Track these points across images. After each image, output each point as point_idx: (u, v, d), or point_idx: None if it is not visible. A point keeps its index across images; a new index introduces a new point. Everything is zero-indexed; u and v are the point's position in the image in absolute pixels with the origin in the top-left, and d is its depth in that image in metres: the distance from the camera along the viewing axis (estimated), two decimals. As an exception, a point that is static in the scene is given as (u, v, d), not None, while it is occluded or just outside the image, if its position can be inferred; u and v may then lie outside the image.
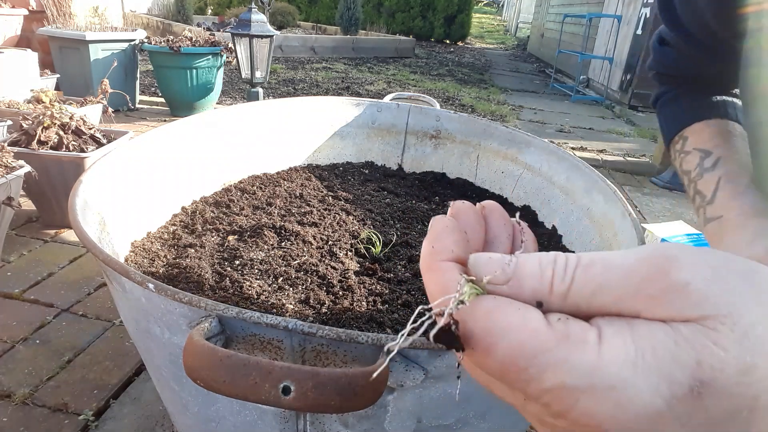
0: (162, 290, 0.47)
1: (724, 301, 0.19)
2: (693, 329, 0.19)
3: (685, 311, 0.19)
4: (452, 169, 1.38)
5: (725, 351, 0.18)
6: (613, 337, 0.20)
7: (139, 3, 7.86)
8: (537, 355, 0.20)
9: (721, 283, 0.19)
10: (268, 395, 0.39)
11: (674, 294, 0.19)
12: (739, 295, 0.19)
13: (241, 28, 2.68)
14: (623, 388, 0.19)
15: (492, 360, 0.21)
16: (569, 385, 0.19)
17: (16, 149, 1.39)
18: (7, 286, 1.28)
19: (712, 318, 0.19)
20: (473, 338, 0.21)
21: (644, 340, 0.19)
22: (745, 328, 0.19)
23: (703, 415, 0.19)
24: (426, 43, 9.08)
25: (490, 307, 0.21)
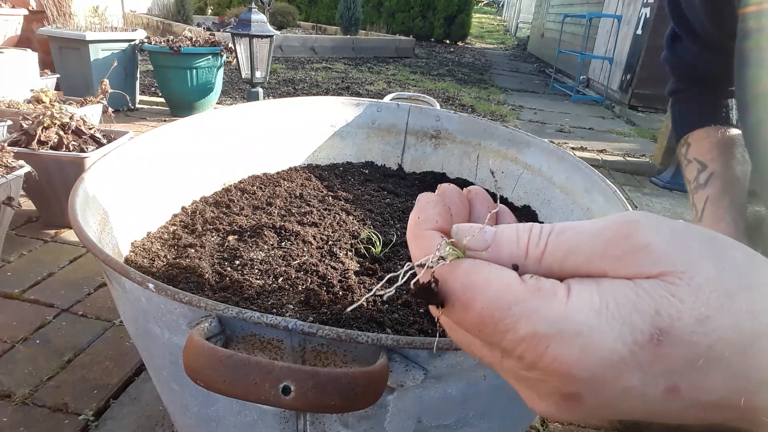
0: (162, 290, 0.47)
1: (682, 259, 0.21)
2: (653, 283, 0.21)
3: (645, 268, 0.21)
4: (452, 169, 1.38)
5: (682, 302, 0.20)
6: (580, 290, 0.21)
7: (139, 3, 7.85)
8: (511, 306, 0.21)
9: (679, 243, 0.21)
10: (268, 395, 0.39)
11: (636, 253, 0.21)
12: (697, 254, 0.21)
13: (241, 28, 2.68)
14: (588, 333, 0.20)
15: (471, 314, 0.22)
16: (540, 332, 0.21)
17: (16, 149, 1.39)
18: (7, 286, 1.28)
19: (670, 274, 0.21)
20: (453, 294, 0.23)
21: (608, 292, 0.21)
22: (700, 282, 0.20)
23: (662, 363, 0.20)
24: (426, 43, 9.07)
25: (469, 266, 0.23)
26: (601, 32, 5.92)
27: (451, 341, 0.45)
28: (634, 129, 4.30)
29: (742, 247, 0.22)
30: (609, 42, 5.54)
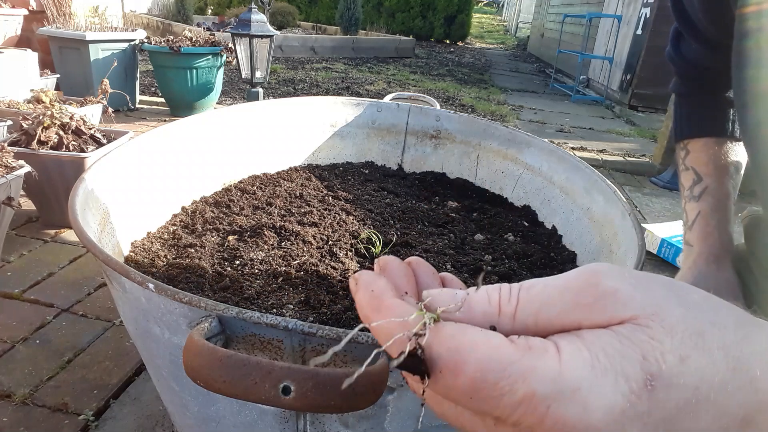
0: (162, 290, 0.47)
1: (649, 302, 0.21)
2: (630, 328, 0.21)
3: (617, 312, 0.21)
4: (452, 169, 1.38)
5: (661, 343, 0.20)
6: (567, 346, 0.21)
7: (139, 3, 7.86)
8: (506, 367, 0.20)
9: (644, 288, 0.22)
10: (268, 395, 0.39)
11: (606, 299, 0.22)
12: (662, 297, 0.22)
13: (241, 28, 2.68)
14: (587, 388, 0.20)
15: (461, 379, 0.21)
16: (539, 392, 0.20)
17: (16, 149, 1.39)
18: (7, 286, 1.28)
19: (642, 317, 0.21)
20: (440, 359, 0.22)
21: (594, 344, 0.21)
22: (672, 323, 0.21)
23: (659, 411, 0.20)
24: (426, 43, 9.07)
25: (454, 329, 0.22)
26: (601, 32, 5.92)
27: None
28: (634, 129, 4.30)
29: (697, 290, 0.23)
30: (609, 42, 5.54)
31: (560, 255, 0.98)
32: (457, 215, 1.11)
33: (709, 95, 0.77)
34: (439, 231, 1.03)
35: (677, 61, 0.79)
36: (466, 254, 0.95)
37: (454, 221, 1.08)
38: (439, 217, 1.08)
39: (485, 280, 0.86)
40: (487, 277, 0.87)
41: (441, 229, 1.03)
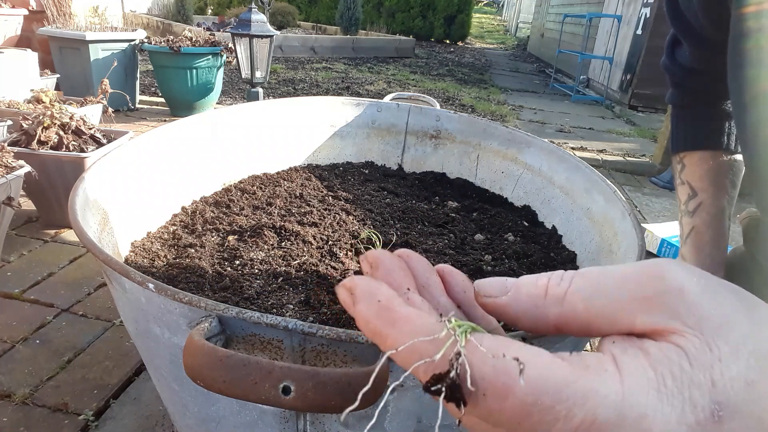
0: (162, 290, 0.47)
1: (718, 310, 0.19)
2: (698, 346, 0.19)
3: (680, 315, 0.19)
4: (452, 169, 1.38)
5: (728, 367, 0.18)
6: (630, 363, 0.19)
7: (139, 3, 7.86)
8: (562, 389, 0.18)
9: (712, 293, 0.20)
10: (268, 395, 0.39)
11: (669, 296, 0.20)
12: (731, 308, 0.19)
13: (241, 28, 2.68)
14: (653, 416, 0.18)
15: (510, 402, 0.19)
16: (601, 418, 0.18)
17: (16, 149, 1.39)
18: (7, 286, 1.28)
19: (708, 329, 0.19)
20: (484, 381, 0.19)
21: (661, 364, 0.19)
22: (737, 340, 0.19)
23: None
24: (426, 43, 9.07)
25: (496, 343, 0.20)
26: (601, 32, 5.92)
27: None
28: (634, 129, 4.30)
29: (765, 305, 0.20)
30: (609, 42, 5.54)
31: (560, 255, 0.98)
32: (457, 215, 1.11)
33: (706, 106, 0.77)
34: (439, 231, 1.03)
35: (673, 70, 0.79)
36: (466, 254, 0.95)
37: (454, 221, 1.08)
38: (439, 217, 1.08)
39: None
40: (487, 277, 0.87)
41: (441, 229, 1.03)
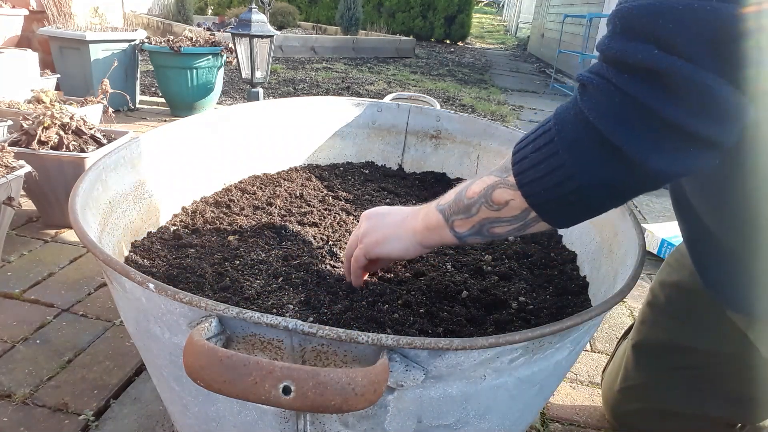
0: (162, 290, 0.47)
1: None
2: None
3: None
4: (452, 169, 1.38)
5: None
6: None
7: (139, 3, 7.85)
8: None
9: None
10: (268, 395, 0.39)
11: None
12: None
13: (242, 28, 2.68)
14: None
15: None
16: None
17: (16, 149, 1.39)
18: (7, 286, 1.28)
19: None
20: None
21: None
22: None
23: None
24: (426, 43, 9.07)
25: None
26: (601, 32, 5.92)
27: (451, 341, 0.45)
28: (635, 129, 4.30)
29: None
30: (609, 42, 5.53)
31: (560, 255, 0.98)
32: (458, 215, 1.11)
33: None
34: (439, 231, 1.03)
35: None
36: (467, 254, 0.94)
37: (454, 221, 1.08)
38: (439, 217, 1.08)
39: (485, 279, 0.86)
40: (487, 277, 0.87)
41: (441, 229, 1.03)
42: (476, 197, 0.55)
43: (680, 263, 0.88)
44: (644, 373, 0.92)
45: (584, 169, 0.44)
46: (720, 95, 0.38)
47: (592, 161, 0.44)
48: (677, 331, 0.87)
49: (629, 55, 0.40)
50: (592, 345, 1.30)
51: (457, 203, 0.58)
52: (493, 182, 0.53)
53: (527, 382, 0.55)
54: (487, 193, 0.53)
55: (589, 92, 0.44)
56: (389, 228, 0.67)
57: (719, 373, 0.84)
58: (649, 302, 0.93)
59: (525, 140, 0.51)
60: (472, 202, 0.55)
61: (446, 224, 0.60)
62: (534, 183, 0.48)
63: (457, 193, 0.59)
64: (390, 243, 0.67)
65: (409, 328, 0.67)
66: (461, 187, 0.59)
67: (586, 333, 0.60)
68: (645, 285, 1.62)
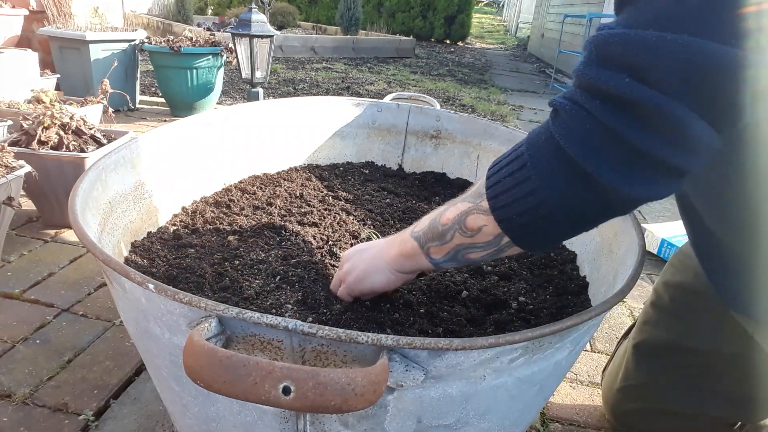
0: (162, 290, 0.47)
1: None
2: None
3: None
4: (452, 169, 1.38)
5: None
6: None
7: (139, 3, 7.86)
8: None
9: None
10: (268, 395, 0.39)
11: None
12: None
13: (242, 28, 2.68)
14: None
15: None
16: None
17: (16, 149, 1.39)
18: (7, 286, 1.28)
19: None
20: None
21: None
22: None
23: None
24: (426, 43, 9.07)
25: None
26: (601, 32, 5.91)
27: (451, 341, 0.45)
28: (635, 129, 4.30)
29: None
30: (609, 42, 5.53)
31: (560, 255, 0.98)
32: (457, 215, 1.11)
33: None
34: (439, 231, 1.03)
35: None
36: (466, 254, 0.94)
37: (454, 221, 1.08)
38: (439, 217, 1.08)
39: (485, 279, 0.86)
40: (487, 277, 0.87)
41: (441, 229, 1.03)
42: (450, 224, 0.55)
43: (684, 264, 0.88)
44: (645, 372, 0.92)
45: (555, 195, 0.45)
46: (689, 126, 0.39)
47: (563, 187, 0.44)
48: (680, 332, 0.87)
49: (602, 82, 0.40)
50: (592, 345, 1.30)
51: (432, 230, 0.58)
52: (467, 208, 0.53)
53: (527, 382, 0.55)
54: (461, 219, 0.53)
55: (561, 117, 0.44)
56: (367, 262, 0.67)
57: (721, 373, 0.84)
58: (653, 303, 0.93)
59: (498, 164, 0.51)
60: (446, 229, 0.55)
61: (422, 251, 0.60)
62: (506, 208, 0.48)
63: (432, 219, 0.58)
64: (370, 277, 0.67)
65: (409, 328, 0.67)
66: (435, 213, 0.59)
67: (586, 333, 0.60)
68: (645, 285, 1.62)
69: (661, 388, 0.90)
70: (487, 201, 0.50)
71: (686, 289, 0.86)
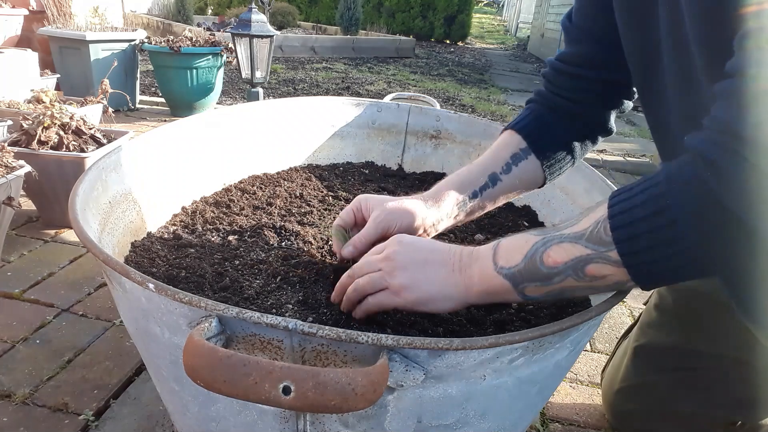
0: (162, 290, 0.47)
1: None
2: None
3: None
4: (452, 169, 1.38)
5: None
6: None
7: (139, 3, 7.86)
8: None
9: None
10: (268, 395, 0.39)
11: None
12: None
13: (241, 28, 2.68)
14: None
15: None
16: None
17: (16, 149, 1.39)
18: (7, 286, 1.28)
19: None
20: None
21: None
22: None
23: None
24: (426, 43, 9.07)
25: None
26: (601, 32, 5.90)
27: (451, 341, 0.45)
28: (634, 129, 4.30)
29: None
30: (609, 42, 5.52)
31: (560, 255, 0.98)
32: (457, 215, 1.11)
33: (565, 128, 0.82)
34: (439, 231, 1.03)
35: (569, 27, 0.82)
36: (466, 254, 0.94)
37: (454, 221, 1.08)
38: (439, 217, 1.08)
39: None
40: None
41: (441, 229, 1.03)
42: (560, 267, 0.52)
43: None
44: (646, 374, 0.92)
45: (712, 253, 0.45)
46: None
47: (720, 246, 0.45)
48: (684, 335, 0.87)
49: None
50: (592, 345, 1.30)
51: (532, 270, 0.54)
52: (585, 255, 0.50)
53: (527, 382, 0.55)
54: (578, 266, 0.51)
55: (728, 175, 0.42)
56: (434, 286, 0.59)
57: (724, 375, 0.84)
58: (656, 305, 0.92)
59: (629, 212, 0.48)
60: (554, 272, 0.52)
61: (515, 290, 0.55)
62: (647, 265, 0.47)
63: (528, 258, 0.54)
64: (437, 303, 0.59)
65: (410, 328, 0.67)
66: (527, 247, 0.54)
67: (585, 333, 0.60)
68: (645, 285, 1.62)
69: (663, 390, 0.90)
70: (618, 254, 0.48)
71: (691, 291, 0.86)
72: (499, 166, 0.79)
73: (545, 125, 0.81)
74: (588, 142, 0.84)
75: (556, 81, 0.82)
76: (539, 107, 0.84)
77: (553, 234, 0.54)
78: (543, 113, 0.82)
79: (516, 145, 0.81)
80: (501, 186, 0.79)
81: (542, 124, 0.81)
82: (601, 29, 0.74)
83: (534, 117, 0.82)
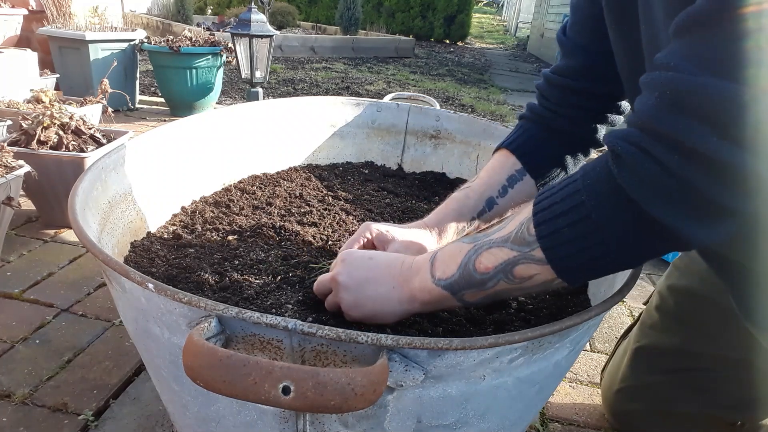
0: (162, 290, 0.47)
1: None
2: None
3: None
4: (452, 169, 1.38)
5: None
6: None
7: (139, 3, 7.85)
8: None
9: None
10: (267, 395, 0.39)
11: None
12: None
13: (241, 27, 2.68)
14: None
15: None
16: None
17: (15, 149, 1.39)
18: (7, 286, 1.28)
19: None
20: None
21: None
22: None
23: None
24: (426, 43, 9.07)
25: None
26: (600, 32, 5.91)
27: (450, 341, 0.45)
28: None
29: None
30: (609, 42, 5.52)
31: (560, 255, 0.98)
32: (457, 215, 1.11)
33: (554, 138, 0.84)
34: (438, 231, 1.03)
35: (563, 40, 0.84)
36: (466, 254, 0.94)
37: (453, 221, 1.08)
38: (438, 217, 1.08)
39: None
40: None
41: (441, 229, 1.03)
42: (491, 272, 0.53)
43: (689, 268, 0.88)
44: (646, 374, 0.92)
45: (624, 245, 0.47)
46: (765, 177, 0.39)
47: (632, 238, 0.46)
48: (686, 336, 0.87)
49: (685, 136, 0.39)
50: (591, 345, 1.30)
51: (466, 278, 0.55)
52: (512, 257, 0.51)
53: (527, 382, 0.55)
54: (507, 269, 0.52)
55: (629, 166, 0.43)
56: (376, 303, 0.61)
57: (726, 376, 0.84)
58: (657, 306, 0.92)
59: (548, 210, 0.50)
60: (486, 278, 0.54)
61: (453, 297, 0.57)
62: (568, 259, 0.49)
63: (462, 267, 0.55)
64: (382, 317, 0.62)
65: (409, 328, 0.67)
66: (463, 257, 0.55)
67: (585, 333, 0.60)
68: (644, 285, 1.62)
69: (663, 390, 0.90)
70: (542, 251, 0.49)
71: (692, 293, 0.86)
72: (496, 189, 0.83)
73: (538, 143, 0.83)
74: (580, 155, 0.85)
75: (548, 94, 0.83)
76: (531, 125, 0.85)
77: (484, 240, 0.55)
78: (536, 131, 0.84)
79: (511, 166, 0.83)
80: (497, 209, 0.82)
81: (536, 142, 0.83)
82: (594, 43, 0.75)
83: (528, 136, 0.84)
